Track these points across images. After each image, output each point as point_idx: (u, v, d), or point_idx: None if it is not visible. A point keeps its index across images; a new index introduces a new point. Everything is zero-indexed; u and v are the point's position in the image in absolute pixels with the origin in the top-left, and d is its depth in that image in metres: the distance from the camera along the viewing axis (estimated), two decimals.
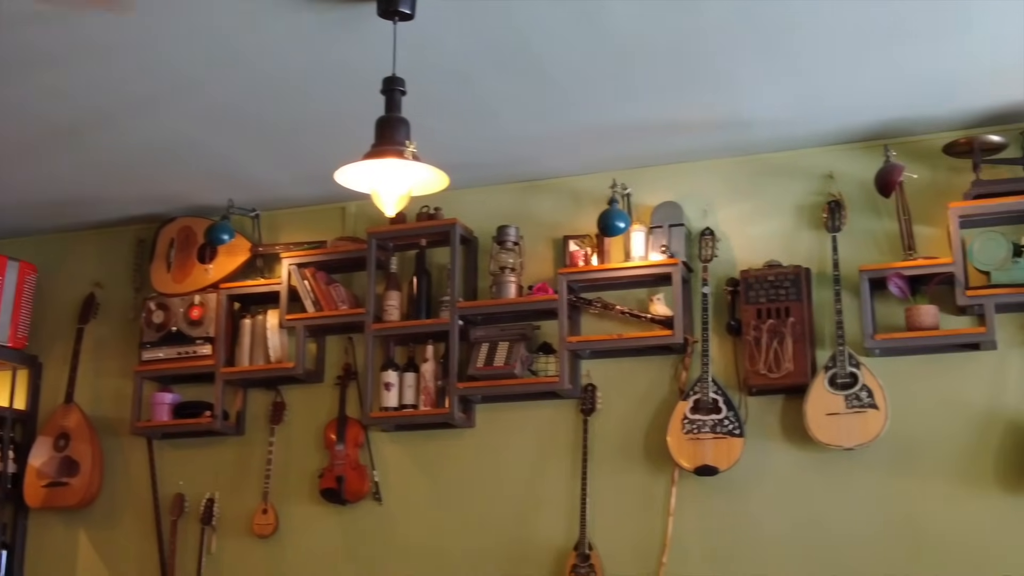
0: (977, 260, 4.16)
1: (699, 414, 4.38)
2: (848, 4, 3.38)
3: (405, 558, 4.75)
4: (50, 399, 5.38)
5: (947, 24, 3.55)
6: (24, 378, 5.39)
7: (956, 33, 3.62)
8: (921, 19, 3.51)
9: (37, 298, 5.44)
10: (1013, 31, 3.61)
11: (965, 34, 3.63)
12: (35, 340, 5.45)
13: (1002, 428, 4.15)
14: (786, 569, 4.24)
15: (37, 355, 5.46)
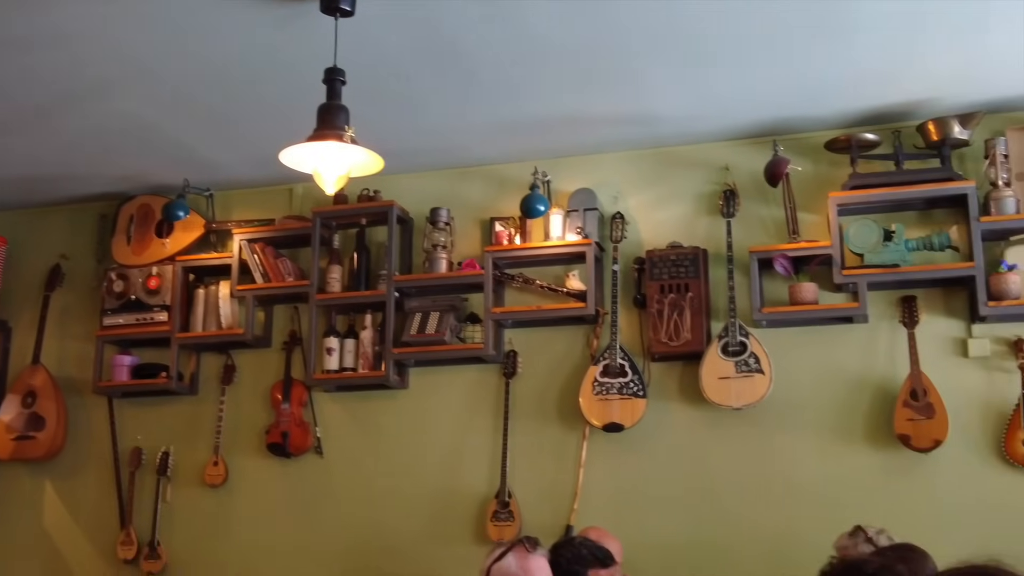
0: (852, 244, 4.27)
1: (608, 377, 4.44)
2: (744, 14, 3.46)
3: (343, 506, 4.77)
4: (18, 360, 5.31)
5: (829, 34, 3.66)
6: None
7: (837, 43, 3.73)
8: (806, 30, 3.61)
9: (7, 268, 5.37)
10: (887, 42, 3.73)
11: (845, 44, 3.74)
12: (5, 306, 5.39)
13: (871, 392, 4.28)
14: (680, 513, 4.33)
15: (7, 320, 5.39)
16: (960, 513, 3.97)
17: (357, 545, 4.73)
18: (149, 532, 4.93)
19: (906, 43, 3.75)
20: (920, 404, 4.11)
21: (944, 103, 4.24)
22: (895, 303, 4.32)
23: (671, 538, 4.32)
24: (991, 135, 4.22)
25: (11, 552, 5.14)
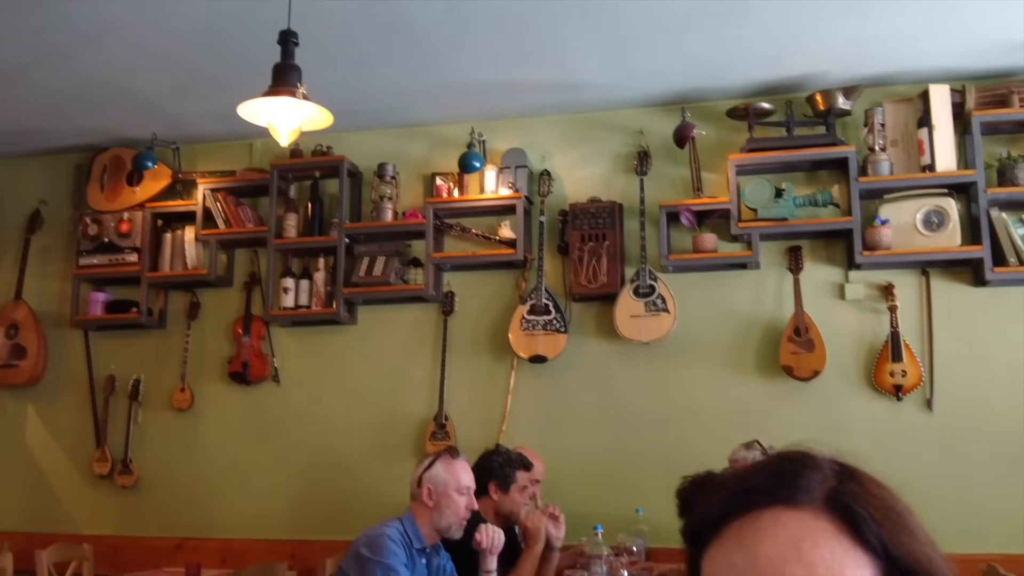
0: (748, 200, 4.36)
1: (534, 315, 4.50)
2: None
3: (298, 428, 4.81)
4: (3, 295, 5.24)
5: (732, 14, 3.73)
6: None
7: (738, 22, 3.80)
8: (712, 9, 3.67)
9: None
10: (781, 22, 3.81)
11: (745, 23, 3.81)
12: None
13: (760, 329, 4.40)
14: (595, 433, 4.44)
15: None
16: (835, 433, 4.08)
17: (310, 463, 4.77)
18: (122, 451, 4.94)
19: (798, 23, 3.84)
20: (802, 340, 4.24)
21: (830, 77, 4.33)
22: (783, 252, 4.42)
23: (587, 453, 4.42)
24: (870, 106, 4.31)
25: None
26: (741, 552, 0.77)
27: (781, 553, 0.75)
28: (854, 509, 0.77)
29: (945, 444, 4.16)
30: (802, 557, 0.75)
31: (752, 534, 0.77)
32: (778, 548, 0.76)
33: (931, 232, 4.17)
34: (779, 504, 0.78)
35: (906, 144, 4.31)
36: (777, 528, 0.77)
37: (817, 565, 0.74)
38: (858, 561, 0.76)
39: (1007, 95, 4.21)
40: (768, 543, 0.76)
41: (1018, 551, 3.98)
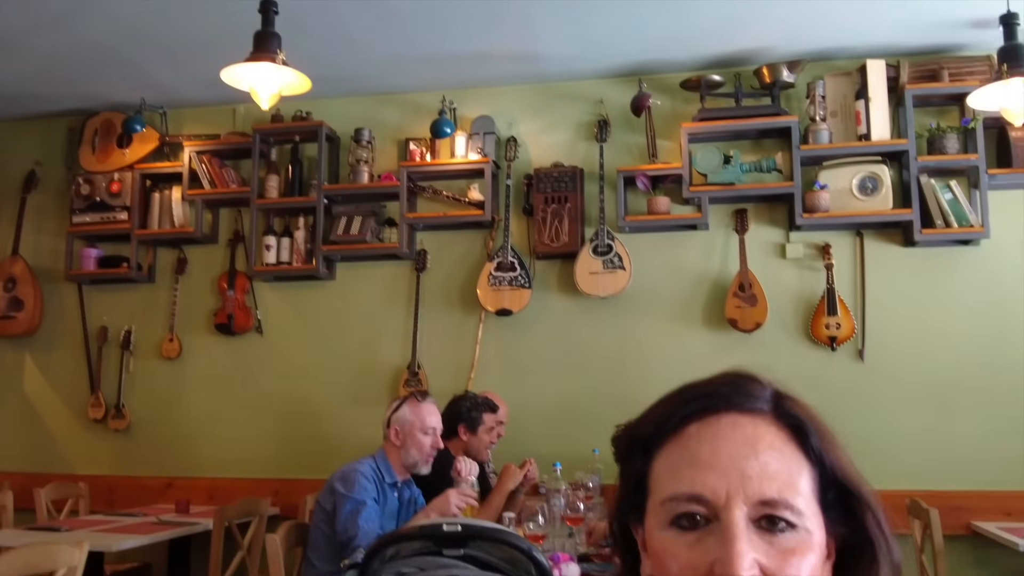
0: (698, 165, 4.38)
1: (500, 272, 4.52)
2: None
3: (280, 375, 4.83)
4: (0, 251, 5.25)
5: None
6: None
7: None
8: None
9: None
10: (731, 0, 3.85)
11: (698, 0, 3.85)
12: None
13: (708, 285, 4.46)
14: (556, 380, 4.51)
15: None
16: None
17: (292, 408, 4.80)
18: (115, 397, 4.96)
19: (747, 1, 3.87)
20: (746, 295, 4.32)
21: (776, 52, 4.38)
22: (730, 214, 4.47)
23: (549, 399, 4.49)
24: (812, 79, 4.35)
25: None
26: (704, 447, 0.80)
27: (740, 451, 0.79)
28: (798, 417, 0.82)
29: (874, 391, 4.27)
30: (758, 455, 0.79)
31: (713, 433, 0.81)
32: (737, 446, 0.79)
33: (866, 196, 4.23)
34: (735, 410, 0.82)
35: (844, 115, 4.37)
36: (735, 429, 0.81)
37: (770, 462, 0.79)
38: (800, 464, 0.81)
39: (938, 70, 4.27)
40: (729, 441, 0.80)
41: (937, 487, 4.11)
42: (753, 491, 0.78)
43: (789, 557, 0.77)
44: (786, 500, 0.78)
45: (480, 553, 2.25)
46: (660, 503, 0.81)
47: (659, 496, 0.82)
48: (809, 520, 0.79)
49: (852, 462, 0.84)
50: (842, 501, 0.82)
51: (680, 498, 0.79)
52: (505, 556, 2.25)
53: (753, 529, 0.77)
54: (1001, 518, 4.06)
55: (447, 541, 2.24)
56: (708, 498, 0.78)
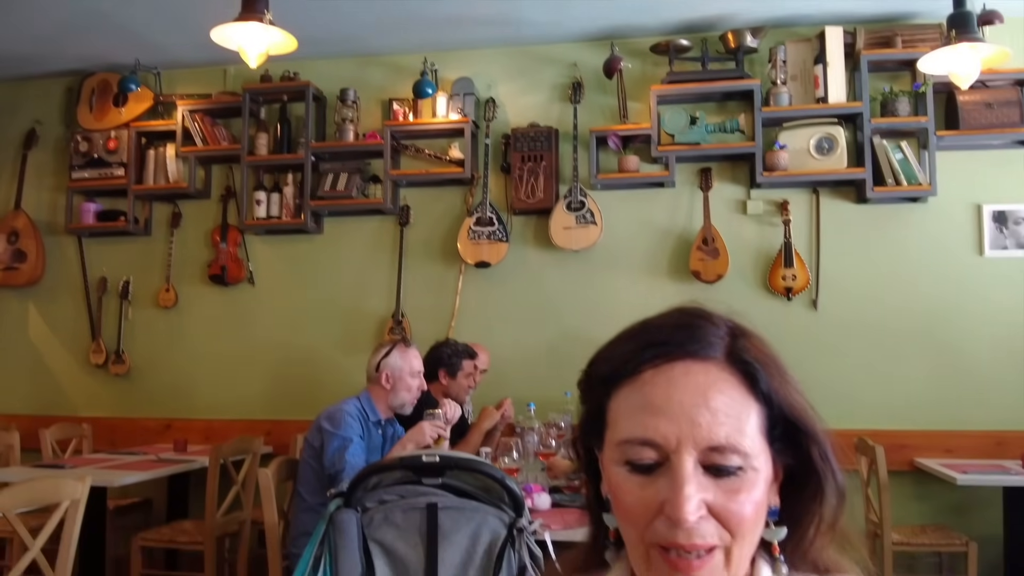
0: (666, 126, 4.39)
1: (480, 226, 4.54)
2: None
3: (271, 323, 4.84)
4: (3, 206, 5.16)
5: None
6: None
7: None
8: None
9: None
10: None
11: None
12: None
13: (674, 239, 4.48)
14: (532, 328, 4.53)
15: None
16: None
17: (282, 354, 4.82)
18: (115, 343, 4.96)
19: None
20: (709, 248, 4.35)
21: (740, 18, 4.37)
22: (696, 172, 4.48)
23: (525, 346, 4.52)
24: (774, 45, 4.36)
25: (4, 361, 5.13)
26: (657, 394, 0.80)
27: (691, 399, 0.79)
28: (750, 363, 0.82)
29: (826, 338, 4.33)
30: (708, 402, 0.79)
31: (667, 381, 0.80)
32: (688, 394, 0.79)
33: (822, 156, 4.26)
34: (688, 356, 0.81)
35: (803, 79, 4.37)
36: (688, 377, 0.80)
37: (720, 410, 0.79)
38: (750, 408, 0.81)
39: (892, 37, 4.28)
40: (680, 389, 0.80)
41: (883, 427, 4.20)
42: (702, 437, 0.78)
43: (734, 495, 0.79)
44: (733, 445, 0.79)
45: (457, 482, 2.31)
46: (616, 444, 0.82)
47: (615, 436, 0.83)
48: (755, 459, 0.80)
49: (802, 396, 0.84)
50: (789, 434, 0.83)
51: (633, 442, 0.80)
52: (480, 484, 2.31)
53: (702, 472, 0.79)
54: (941, 455, 4.16)
55: (426, 471, 2.29)
56: (659, 443, 0.79)
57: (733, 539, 0.79)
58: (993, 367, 4.23)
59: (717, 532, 0.79)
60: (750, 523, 0.80)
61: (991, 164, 4.31)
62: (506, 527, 2.23)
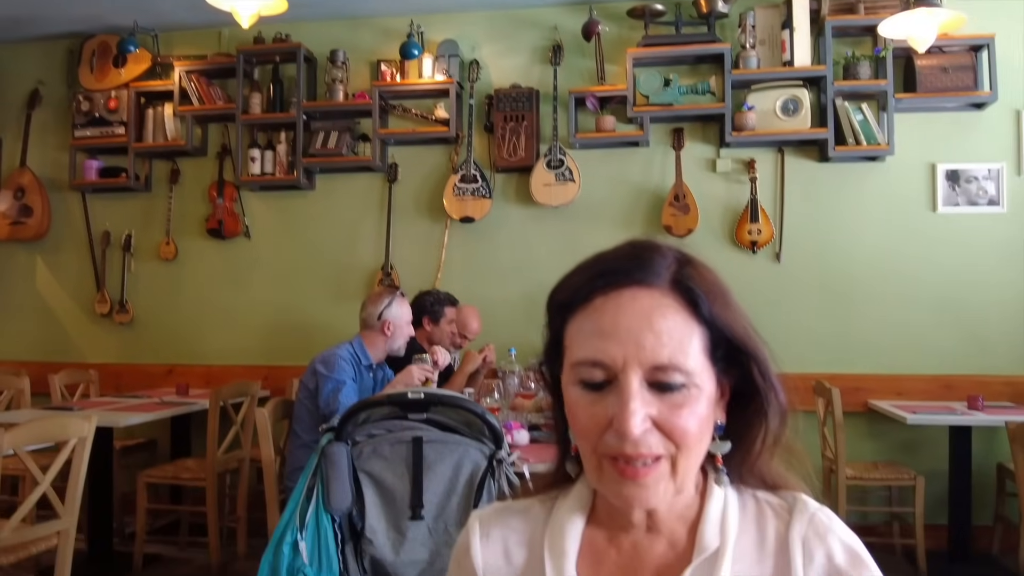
0: (641, 88, 4.37)
1: (464, 183, 4.51)
2: None
3: (267, 275, 4.82)
4: (9, 163, 5.09)
5: None
6: None
7: None
8: None
9: None
10: None
11: None
12: None
13: (647, 196, 4.48)
14: (513, 280, 4.53)
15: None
16: None
17: (278, 303, 4.81)
18: (119, 294, 4.93)
19: None
20: (680, 204, 4.36)
21: None
22: (669, 132, 4.47)
23: (506, 295, 4.51)
24: (744, 10, 4.32)
25: (14, 311, 5.10)
26: (606, 319, 0.81)
27: (637, 323, 0.81)
28: (693, 289, 0.83)
29: (788, 288, 4.37)
30: (653, 326, 0.80)
31: (615, 307, 0.82)
32: (635, 319, 0.81)
33: (787, 117, 4.26)
34: (635, 284, 0.82)
35: (771, 43, 4.34)
36: (634, 303, 0.82)
37: (663, 332, 0.80)
38: (693, 330, 0.82)
39: (855, 3, 4.25)
40: (627, 314, 0.81)
41: (839, 371, 4.26)
42: (646, 358, 0.80)
43: (678, 410, 0.80)
44: (676, 364, 0.80)
45: (440, 417, 2.34)
46: (571, 365, 0.84)
47: (570, 359, 0.84)
48: (698, 376, 0.81)
49: (745, 321, 0.86)
50: (732, 356, 0.85)
51: (585, 363, 0.82)
52: (462, 419, 2.34)
53: (647, 388, 0.80)
54: (893, 397, 4.23)
55: (412, 407, 2.32)
56: (608, 364, 0.81)
57: (678, 450, 0.81)
58: (942, 317, 4.28)
59: (662, 443, 0.81)
60: (694, 436, 0.82)
61: (945, 125, 4.32)
62: (486, 459, 2.27)
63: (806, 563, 0.85)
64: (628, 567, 0.89)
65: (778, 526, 0.88)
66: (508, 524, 0.94)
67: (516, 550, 0.92)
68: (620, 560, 0.89)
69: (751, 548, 0.87)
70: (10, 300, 5.12)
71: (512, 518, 0.95)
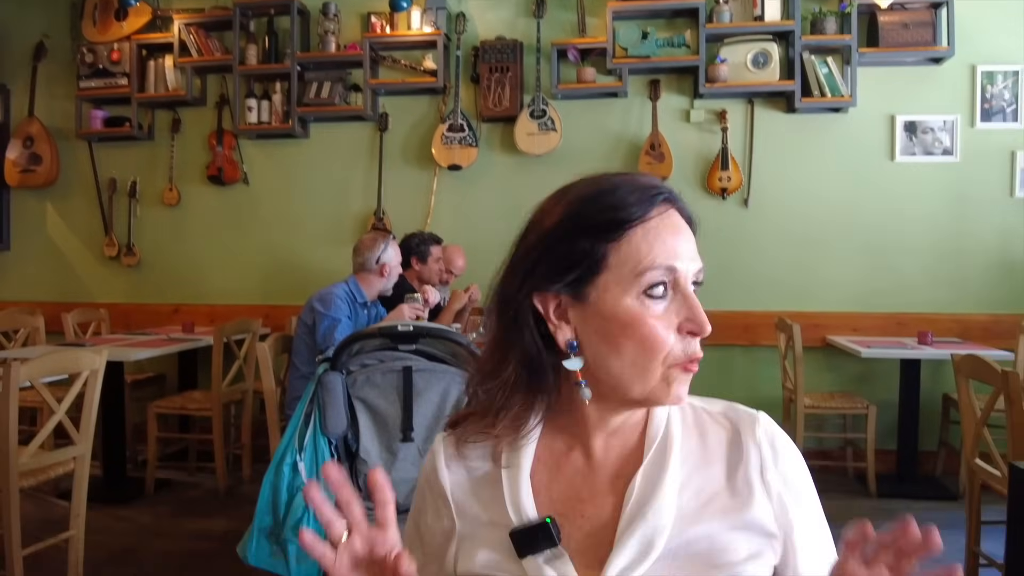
0: (621, 40, 4.30)
1: (452, 132, 4.46)
2: None
3: (266, 219, 4.77)
4: (18, 114, 4.96)
5: None
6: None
7: None
8: None
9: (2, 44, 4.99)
10: None
11: None
12: (2, 73, 4.99)
13: (625, 144, 4.45)
14: (498, 224, 4.37)
15: (5, 83, 5.00)
16: None
17: (276, 246, 4.77)
18: (126, 237, 4.88)
19: None
20: (656, 152, 4.33)
21: None
22: (646, 84, 4.41)
23: (491, 238, 4.30)
24: None
25: (27, 254, 5.04)
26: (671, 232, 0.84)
27: (688, 235, 0.86)
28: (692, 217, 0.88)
29: (755, 232, 4.36)
30: (693, 241, 0.87)
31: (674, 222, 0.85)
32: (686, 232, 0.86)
33: (757, 70, 4.21)
34: (674, 206, 0.87)
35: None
36: (681, 222, 0.86)
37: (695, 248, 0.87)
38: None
39: None
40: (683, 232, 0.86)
41: (801, 309, 4.29)
42: (695, 270, 0.86)
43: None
44: (702, 273, 0.87)
45: (428, 348, 2.34)
46: (634, 275, 0.82)
47: (633, 268, 0.83)
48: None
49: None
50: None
51: (659, 268, 0.83)
52: (448, 350, 2.34)
53: None
54: (849, 333, 4.28)
55: (401, 338, 2.32)
56: (679, 268, 0.83)
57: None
58: (897, 258, 4.30)
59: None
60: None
61: (905, 79, 4.29)
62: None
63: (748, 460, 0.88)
64: (584, 470, 0.91)
65: (719, 428, 0.92)
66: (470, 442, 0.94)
67: (478, 463, 0.93)
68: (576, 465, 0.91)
69: (696, 448, 0.90)
70: (24, 244, 5.05)
71: (474, 436, 0.93)
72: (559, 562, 0.84)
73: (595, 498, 0.88)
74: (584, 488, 0.89)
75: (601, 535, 0.86)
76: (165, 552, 3.27)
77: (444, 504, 0.92)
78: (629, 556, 0.83)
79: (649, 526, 0.84)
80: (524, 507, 0.87)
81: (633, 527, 0.84)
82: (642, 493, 0.86)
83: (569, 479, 0.90)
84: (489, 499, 0.90)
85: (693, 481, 0.87)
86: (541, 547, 0.85)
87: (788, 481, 0.88)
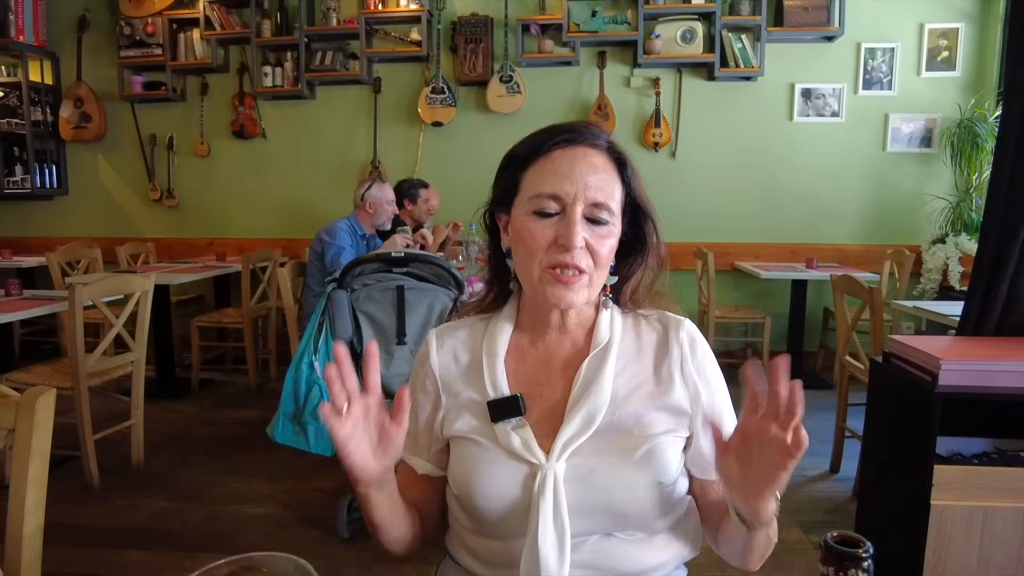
0: (574, 17, 4.16)
1: (435, 94, 4.35)
2: None
3: (282, 168, 4.64)
4: (67, 78, 4.74)
5: None
6: (48, 66, 4.72)
7: None
8: None
9: (49, 17, 4.69)
10: None
11: None
12: (52, 43, 4.72)
13: (578, 106, 4.35)
14: (472, 172, 4.38)
15: (55, 51, 4.76)
16: None
17: (291, 189, 4.66)
18: (167, 184, 4.74)
19: None
20: (602, 113, 4.27)
21: None
22: (595, 55, 4.31)
23: (469, 185, 4.36)
24: None
25: (84, 198, 4.87)
26: (563, 164, 0.84)
27: (585, 169, 0.84)
28: (622, 155, 0.87)
29: (681, 179, 4.35)
30: (596, 172, 0.84)
31: (571, 156, 0.85)
32: (584, 166, 0.84)
33: (685, 44, 4.13)
34: (585, 143, 0.86)
35: None
36: (586, 156, 0.85)
37: (602, 179, 0.84)
38: (617, 186, 0.86)
39: None
40: (579, 162, 0.84)
41: (715, 240, 4.32)
42: (590, 195, 0.83)
43: (601, 239, 0.84)
44: (606, 204, 0.84)
45: (417, 271, 2.33)
46: (528, 199, 0.85)
47: (528, 194, 0.85)
48: (615, 219, 0.85)
49: (646, 193, 0.89)
50: (635, 215, 0.89)
51: (544, 195, 0.83)
52: (433, 272, 2.33)
53: (585, 222, 0.83)
54: (752, 259, 4.33)
55: (395, 263, 2.30)
56: (561, 196, 0.83)
57: (595, 268, 0.85)
58: (792, 200, 4.34)
59: (587, 261, 0.84)
60: (606, 260, 0.86)
61: (803, 54, 4.23)
62: (452, 301, 2.29)
63: (671, 355, 0.90)
64: (543, 360, 0.92)
65: (651, 330, 0.93)
66: (456, 336, 0.96)
67: (462, 354, 0.95)
68: (537, 356, 0.93)
69: (631, 346, 0.92)
70: (81, 190, 4.89)
71: (459, 331, 0.96)
72: (522, 430, 0.87)
73: (551, 382, 0.90)
74: (543, 374, 0.91)
75: (554, 411, 0.88)
76: (209, 436, 3.31)
77: (432, 382, 0.94)
78: (575, 428, 0.85)
79: (591, 405, 0.86)
80: (499, 384, 0.89)
81: (578, 406, 0.86)
82: (586, 379, 0.88)
83: (531, 367, 0.92)
84: (471, 379, 0.92)
85: (627, 371, 0.89)
86: (510, 415, 0.87)
87: (701, 372, 0.89)
